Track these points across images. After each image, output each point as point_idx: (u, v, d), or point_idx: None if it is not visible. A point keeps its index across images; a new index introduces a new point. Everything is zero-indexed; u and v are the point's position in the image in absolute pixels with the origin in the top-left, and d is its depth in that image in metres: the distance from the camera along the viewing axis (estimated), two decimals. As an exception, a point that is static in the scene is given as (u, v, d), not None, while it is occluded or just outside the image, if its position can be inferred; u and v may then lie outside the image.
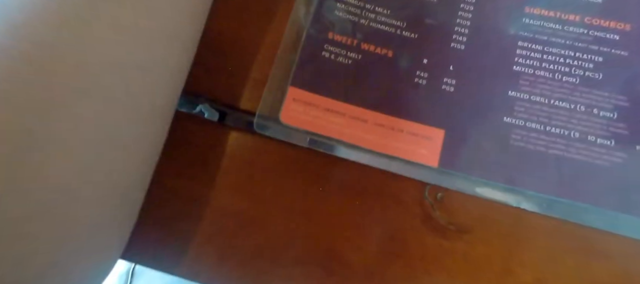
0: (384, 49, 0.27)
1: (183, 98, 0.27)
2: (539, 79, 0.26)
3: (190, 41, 0.25)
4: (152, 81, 0.22)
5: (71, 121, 0.19)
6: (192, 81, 0.27)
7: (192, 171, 0.27)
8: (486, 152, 0.25)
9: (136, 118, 0.22)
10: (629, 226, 0.23)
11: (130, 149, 0.22)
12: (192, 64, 0.26)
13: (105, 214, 0.22)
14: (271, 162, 0.26)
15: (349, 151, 0.26)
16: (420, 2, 0.28)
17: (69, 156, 0.19)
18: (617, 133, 0.24)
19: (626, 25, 0.26)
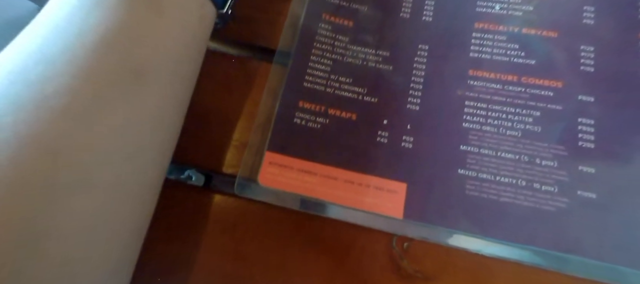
0: (348, 113, 0.24)
1: (172, 166, 0.24)
2: (485, 134, 0.23)
3: (176, 125, 0.22)
4: (140, 167, 0.19)
5: (68, 210, 0.16)
6: (180, 150, 0.23)
7: (180, 235, 0.23)
8: (445, 202, 0.22)
9: (126, 201, 0.19)
10: (577, 267, 0.20)
11: (122, 228, 0.19)
12: (180, 135, 0.23)
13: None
14: (253, 223, 0.23)
15: (323, 207, 0.22)
16: (378, 71, 0.25)
17: (66, 241, 0.16)
18: (559, 180, 0.22)
19: (558, 83, 0.24)
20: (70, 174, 0.17)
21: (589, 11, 0.25)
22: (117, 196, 0.18)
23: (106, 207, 0.18)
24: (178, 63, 0.21)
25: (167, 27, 0.20)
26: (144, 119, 0.19)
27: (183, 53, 0.21)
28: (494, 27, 0.26)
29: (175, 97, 0.21)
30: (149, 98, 0.19)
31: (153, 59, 0.20)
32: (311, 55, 0.26)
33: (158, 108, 0.20)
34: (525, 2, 0.26)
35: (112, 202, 0.18)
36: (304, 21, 0.27)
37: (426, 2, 0.27)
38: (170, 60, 0.21)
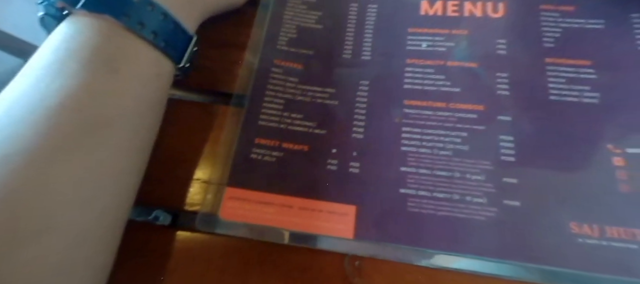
0: (301, 145, 0.24)
1: (140, 208, 0.23)
2: (422, 155, 0.23)
3: (136, 170, 0.21)
4: (100, 211, 0.18)
5: (29, 255, 0.16)
6: (147, 192, 0.22)
7: (149, 276, 0.22)
8: (390, 220, 0.22)
9: (87, 243, 0.18)
10: (510, 271, 0.20)
11: (84, 270, 0.18)
12: (146, 177, 0.22)
13: None
14: (217, 256, 0.22)
15: (280, 235, 0.22)
16: (325, 106, 0.25)
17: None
18: (487, 192, 0.22)
19: (480, 106, 0.24)
20: (29, 222, 0.16)
21: (502, 43, 0.26)
22: (77, 238, 0.17)
23: (67, 250, 0.17)
24: (136, 116, 0.21)
25: (124, 86, 0.20)
26: (102, 167, 0.18)
27: (141, 107, 0.21)
28: (423, 62, 0.26)
29: (134, 146, 0.21)
30: (106, 149, 0.19)
31: (111, 115, 0.19)
32: (265, 97, 0.26)
33: (116, 157, 0.19)
34: (448, 39, 0.27)
35: (73, 245, 0.17)
36: (258, 67, 0.27)
37: (364, 43, 0.27)
38: (128, 115, 0.20)
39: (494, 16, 0.27)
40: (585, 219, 0.20)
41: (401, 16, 0.28)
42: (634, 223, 0.20)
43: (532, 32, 0.26)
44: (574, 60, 0.25)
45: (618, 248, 0.20)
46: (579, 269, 0.19)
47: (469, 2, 0.28)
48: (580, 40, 0.25)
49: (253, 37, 0.28)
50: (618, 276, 0.19)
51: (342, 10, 0.29)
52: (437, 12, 0.28)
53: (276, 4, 0.29)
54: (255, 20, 0.28)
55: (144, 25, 0.21)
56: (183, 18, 0.23)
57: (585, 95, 0.24)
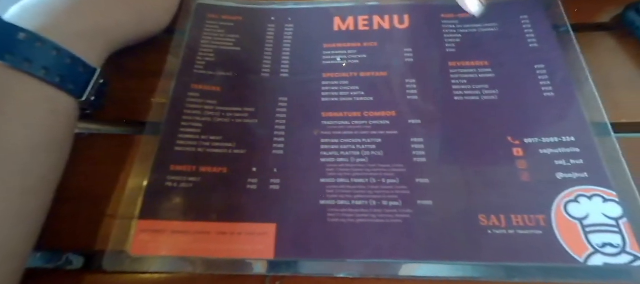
0: (220, 167, 0.22)
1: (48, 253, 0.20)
2: (340, 165, 0.22)
3: (32, 214, 0.18)
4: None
5: None
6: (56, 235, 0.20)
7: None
8: (311, 234, 0.20)
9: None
10: (430, 270, 0.19)
11: None
12: (55, 219, 0.20)
13: None
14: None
15: (195, 264, 0.19)
16: (245, 125, 0.24)
17: None
18: (402, 194, 0.21)
19: (392, 113, 0.24)
20: None
21: (409, 52, 0.26)
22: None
23: None
24: (26, 156, 0.18)
25: (8, 126, 0.18)
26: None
27: (32, 146, 0.18)
28: (339, 75, 0.26)
29: (26, 188, 0.18)
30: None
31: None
32: (182, 122, 0.24)
33: (4, 200, 0.17)
34: (360, 52, 0.26)
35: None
36: (174, 93, 0.25)
37: (282, 61, 0.27)
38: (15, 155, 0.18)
39: (400, 27, 0.27)
40: (492, 211, 0.20)
41: (316, 33, 0.28)
42: (536, 209, 0.20)
43: (435, 39, 0.26)
44: (473, 62, 0.25)
45: (524, 235, 0.19)
46: (490, 261, 0.19)
47: (377, 16, 0.28)
48: (478, 43, 0.26)
49: (169, 63, 0.26)
50: (526, 263, 0.19)
51: (260, 31, 0.28)
52: (349, 28, 0.28)
53: (193, 29, 0.28)
54: (172, 47, 0.27)
55: (32, 62, 0.19)
56: (83, 51, 0.21)
57: (485, 93, 0.24)
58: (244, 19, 0.29)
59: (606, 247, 0.19)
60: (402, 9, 0.28)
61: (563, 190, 0.20)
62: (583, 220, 0.19)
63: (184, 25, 0.28)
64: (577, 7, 0.27)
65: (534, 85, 0.24)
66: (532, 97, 0.23)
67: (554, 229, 0.19)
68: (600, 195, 0.20)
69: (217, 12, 0.29)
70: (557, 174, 0.21)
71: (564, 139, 0.22)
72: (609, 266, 0.18)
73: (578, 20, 0.26)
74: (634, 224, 0.19)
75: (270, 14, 0.29)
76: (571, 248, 0.19)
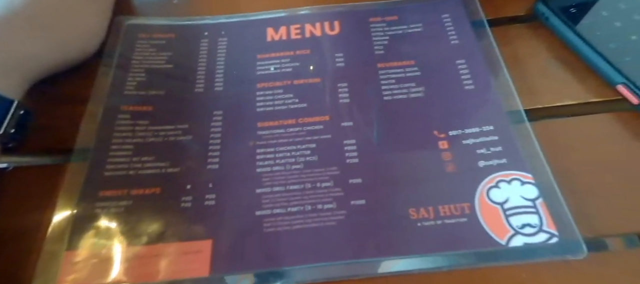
0: (152, 188, 0.22)
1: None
2: (276, 174, 0.22)
3: None
4: None
5: None
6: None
7: None
8: (247, 247, 0.20)
9: None
10: (364, 269, 0.19)
11: None
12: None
13: None
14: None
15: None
16: (179, 143, 0.23)
17: None
18: (336, 196, 0.21)
19: (326, 117, 0.24)
20: None
21: (340, 57, 0.26)
22: None
23: None
24: None
25: None
26: None
27: None
28: (273, 84, 0.26)
29: None
30: None
31: None
32: (112, 145, 0.23)
33: None
34: (293, 59, 0.27)
35: None
36: (103, 117, 0.24)
37: (216, 75, 0.26)
38: None
39: (331, 34, 0.28)
40: (421, 204, 0.20)
41: (250, 45, 0.28)
42: (461, 198, 0.20)
43: (365, 42, 0.27)
44: (400, 62, 0.26)
45: (451, 224, 0.20)
46: (421, 253, 0.19)
47: (309, 24, 0.28)
48: (404, 44, 0.27)
49: (97, 87, 0.25)
50: (454, 251, 0.19)
51: (193, 47, 0.28)
52: (282, 37, 0.28)
53: (123, 51, 0.27)
54: (100, 70, 0.26)
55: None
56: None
57: (412, 91, 0.25)
58: (176, 36, 0.28)
59: (525, 227, 0.19)
60: (333, 16, 0.29)
61: (485, 177, 0.21)
62: (503, 204, 0.20)
63: (114, 47, 0.27)
64: (493, 2, 0.28)
65: (456, 79, 0.25)
66: (454, 91, 0.24)
67: (478, 216, 0.20)
68: (518, 179, 0.21)
69: (148, 31, 0.28)
70: (479, 162, 0.22)
71: (484, 128, 0.23)
72: (528, 246, 0.19)
73: (494, 15, 0.28)
74: (548, 203, 0.20)
75: (204, 29, 0.29)
76: (494, 232, 0.19)
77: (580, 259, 0.18)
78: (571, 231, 0.19)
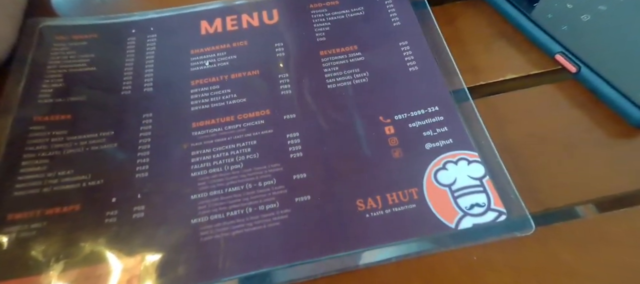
0: (70, 206, 0.19)
1: None
2: (212, 176, 0.20)
3: None
4: None
5: None
6: None
7: None
8: (181, 262, 0.18)
9: None
10: (310, 270, 0.17)
11: None
12: None
13: None
14: None
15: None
16: (102, 152, 0.21)
17: None
18: (280, 195, 0.19)
19: (267, 111, 0.22)
20: None
21: (279, 47, 0.25)
22: None
23: None
24: None
25: None
26: None
27: None
28: (208, 81, 0.24)
29: None
30: None
31: None
32: (22, 161, 0.20)
33: None
34: (229, 52, 0.25)
35: None
36: (10, 131, 0.21)
37: (146, 75, 0.24)
38: None
39: (269, 23, 0.26)
40: (368, 194, 0.19)
41: (182, 41, 0.25)
42: (408, 183, 0.19)
43: (305, 30, 0.25)
44: (343, 49, 0.25)
45: (399, 212, 0.19)
46: (370, 245, 0.18)
47: (245, 15, 0.26)
48: (346, 29, 0.25)
49: (6, 97, 0.22)
50: (404, 240, 0.18)
51: (119, 46, 0.25)
52: (217, 30, 0.26)
53: (36, 56, 0.24)
54: (9, 78, 0.23)
55: None
56: None
57: (356, 77, 0.23)
58: (99, 36, 0.25)
59: (473, 208, 0.19)
60: (270, 4, 0.27)
61: (432, 159, 0.20)
62: (451, 185, 0.19)
63: (26, 52, 0.24)
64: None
65: (400, 62, 0.24)
66: (398, 74, 0.23)
67: (426, 200, 0.19)
68: (465, 158, 0.20)
69: (66, 33, 0.25)
70: (425, 144, 0.20)
71: (429, 109, 0.22)
72: (477, 226, 0.18)
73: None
74: (495, 180, 0.19)
75: (130, 27, 0.26)
76: (442, 216, 0.18)
77: (528, 235, 0.18)
78: (518, 208, 0.18)
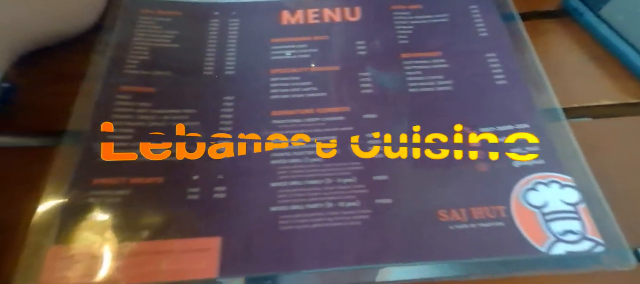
0: (154, 178, 0.19)
1: None
2: (293, 167, 0.20)
3: None
4: None
5: None
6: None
7: None
8: (261, 246, 0.18)
9: None
10: (396, 274, 0.17)
11: None
12: None
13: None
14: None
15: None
16: (185, 129, 0.21)
17: None
18: (360, 194, 0.19)
19: (346, 108, 0.22)
20: None
21: (361, 45, 0.24)
22: None
23: None
24: None
25: None
26: None
27: None
28: (288, 71, 0.23)
29: None
30: None
31: None
32: (109, 129, 0.21)
33: None
34: (311, 46, 0.24)
35: None
36: (100, 97, 0.21)
37: (228, 58, 0.24)
38: None
39: (352, 20, 0.26)
40: (452, 205, 0.18)
41: (263, 28, 0.25)
42: (495, 200, 0.19)
43: (387, 31, 0.25)
44: (426, 54, 0.24)
45: (486, 229, 0.18)
46: (454, 259, 0.17)
47: (327, 10, 0.26)
48: (430, 34, 0.25)
49: (94, 64, 0.23)
50: (490, 258, 0.17)
51: (202, 27, 0.25)
52: (298, 21, 0.26)
53: (124, 27, 0.24)
54: (97, 46, 0.23)
55: None
56: None
57: (439, 84, 0.23)
58: (183, 15, 0.26)
59: (567, 234, 0.18)
60: (353, 2, 0.26)
61: (520, 178, 0.19)
62: (542, 208, 0.18)
63: (113, 22, 0.25)
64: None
65: (487, 74, 0.23)
66: (485, 86, 0.22)
67: (514, 220, 0.18)
68: (557, 181, 0.19)
69: (152, 8, 0.26)
70: (513, 162, 0.20)
71: (519, 126, 0.21)
72: (572, 254, 0.17)
73: (525, 8, 0.26)
74: (591, 209, 0.18)
75: (213, 9, 0.26)
76: (532, 238, 0.18)
77: (629, 270, 0.17)
78: (618, 240, 0.17)
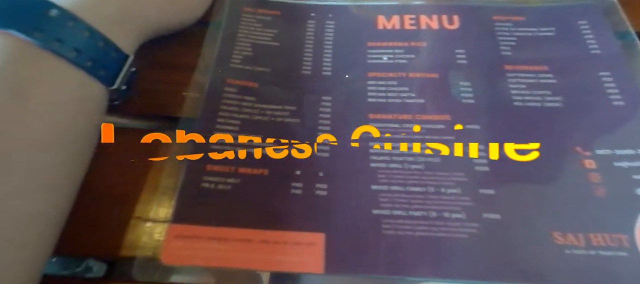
0: (260, 169, 0.20)
1: (67, 259, 0.17)
2: (393, 172, 0.20)
3: (52, 211, 0.16)
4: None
5: None
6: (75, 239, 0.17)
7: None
8: (364, 246, 0.18)
9: None
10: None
11: None
12: (75, 220, 0.17)
13: None
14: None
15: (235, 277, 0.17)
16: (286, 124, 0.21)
17: None
18: (466, 206, 0.19)
19: (446, 116, 0.21)
20: None
21: (461, 53, 0.24)
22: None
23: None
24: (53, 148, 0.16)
25: (34, 114, 0.15)
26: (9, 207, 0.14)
27: (60, 136, 0.16)
28: (385, 75, 0.23)
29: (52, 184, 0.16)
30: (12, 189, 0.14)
31: (15, 148, 0.14)
32: (218, 118, 0.21)
33: (24, 198, 0.14)
34: (407, 51, 0.24)
35: None
36: (209, 87, 0.22)
37: (324, 59, 0.24)
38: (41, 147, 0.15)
39: (449, 28, 0.25)
40: (567, 228, 0.18)
41: (359, 31, 0.26)
42: (617, 227, 0.17)
43: (489, 41, 0.24)
44: (531, 67, 0.23)
45: (607, 257, 0.17)
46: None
47: (424, 16, 0.26)
48: (535, 47, 0.24)
49: (204, 56, 0.24)
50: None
51: (300, 27, 0.26)
52: (394, 27, 0.26)
53: (229, 22, 0.26)
54: (206, 40, 0.24)
55: (63, 42, 0.16)
56: (116, 35, 0.19)
57: (547, 99, 0.22)
58: (281, 14, 0.27)
59: (702, 273, 0.16)
60: (450, 10, 0.26)
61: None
62: (672, 241, 0.17)
63: (218, 17, 0.26)
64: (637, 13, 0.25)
65: (601, 93, 0.22)
66: (600, 106, 0.21)
67: (639, 250, 0.17)
68: (688, 214, 0.18)
69: (252, 6, 0.27)
70: (636, 189, 0.19)
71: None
72: None
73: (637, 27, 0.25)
74: None
75: (310, 10, 0.27)
76: (662, 274, 0.17)
77: None
78: None
